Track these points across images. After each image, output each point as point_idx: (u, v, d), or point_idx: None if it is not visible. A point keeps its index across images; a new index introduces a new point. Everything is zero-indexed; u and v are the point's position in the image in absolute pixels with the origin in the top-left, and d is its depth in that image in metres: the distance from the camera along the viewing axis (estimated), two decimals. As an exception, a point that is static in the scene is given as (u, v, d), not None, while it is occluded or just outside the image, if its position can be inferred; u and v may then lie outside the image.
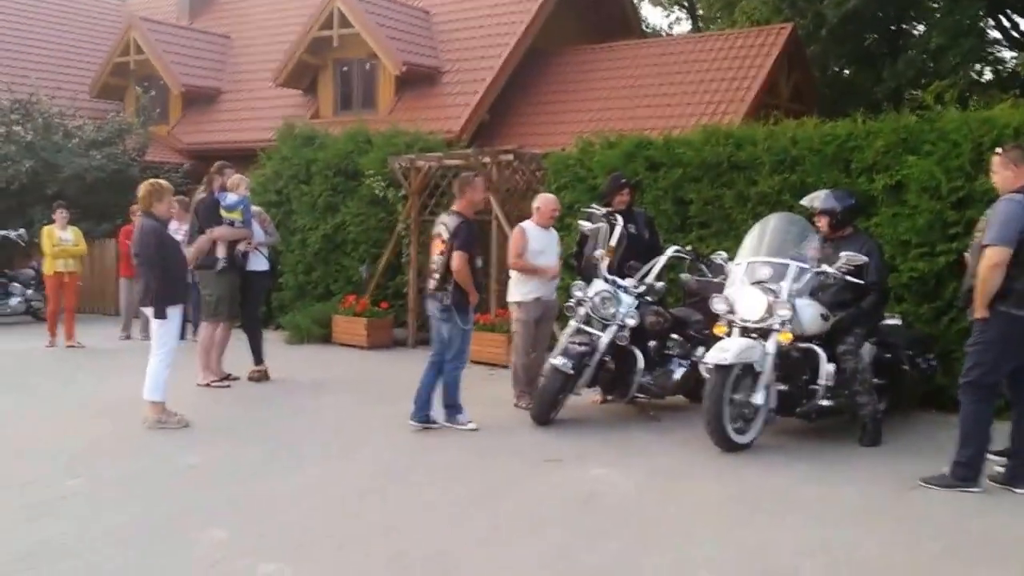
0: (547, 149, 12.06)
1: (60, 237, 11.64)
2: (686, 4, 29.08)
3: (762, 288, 6.53)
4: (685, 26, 30.42)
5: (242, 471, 5.98)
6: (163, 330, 7.07)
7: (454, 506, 5.32)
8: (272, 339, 9.47)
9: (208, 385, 8.69)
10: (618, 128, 11.58)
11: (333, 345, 11.64)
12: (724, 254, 7.55)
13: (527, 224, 7.91)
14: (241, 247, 8.86)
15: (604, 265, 7.41)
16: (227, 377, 8.89)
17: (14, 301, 13.66)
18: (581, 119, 15.63)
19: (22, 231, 13.64)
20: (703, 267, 7.78)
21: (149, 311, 7.08)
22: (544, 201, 7.99)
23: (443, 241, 7.00)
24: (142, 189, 7.21)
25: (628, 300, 7.26)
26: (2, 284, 13.60)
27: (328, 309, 12.02)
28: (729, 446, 6.35)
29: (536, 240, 7.78)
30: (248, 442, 6.73)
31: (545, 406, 7.17)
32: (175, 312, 7.13)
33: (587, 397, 7.74)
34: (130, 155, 16.45)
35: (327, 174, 12.73)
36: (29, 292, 13.76)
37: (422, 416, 7.09)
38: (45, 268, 11.69)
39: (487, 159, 10.76)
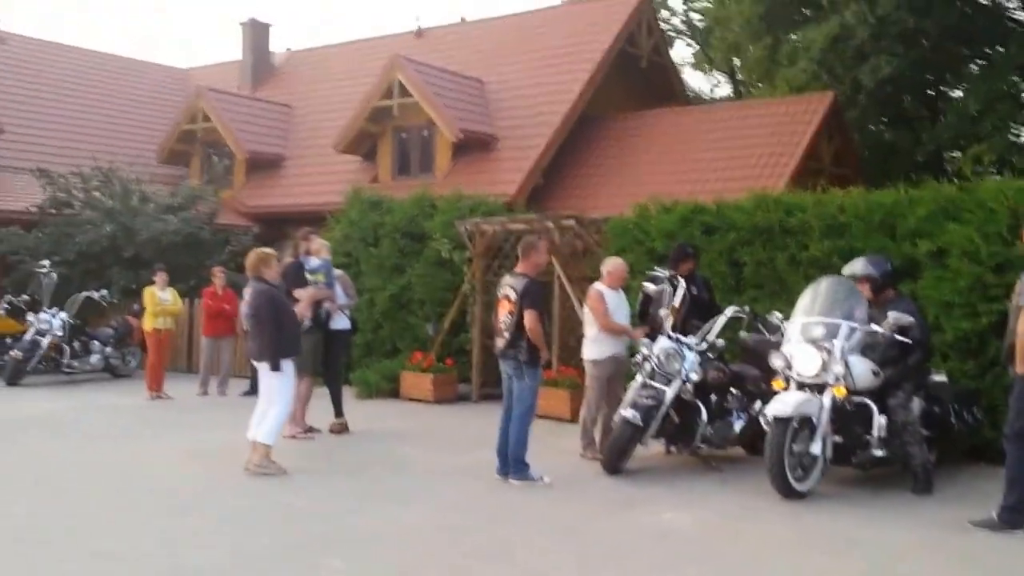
0: (599, 213, 12.64)
1: (160, 297, 12.63)
2: (727, 70, 29.90)
3: (816, 346, 7.08)
4: (725, 89, 31.29)
5: (342, 510, 6.58)
6: (280, 382, 7.74)
7: (542, 538, 5.90)
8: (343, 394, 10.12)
9: (293, 437, 9.25)
10: (665, 191, 12.06)
11: (400, 400, 12.23)
12: (779, 315, 8.06)
13: (600, 286, 8.46)
14: (326, 306, 9.56)
15: (668, 324, 7.98)
16: (310, 429, 9.50)
17: (94, 359, 14.36)
18: (630, 182, 16.30)
19: (104, 292, 14.45)
20: (760, 326, 8.29)
21: (262, 366, 7.74)
22: (614, 265, 8.61)
23: (511, 301, 7.47)
24: (252, 257, 7.92)
25: (691, 356, 7.80)
26: (83, 342, 14.33)
27: (396, 365, 12.61)
28: (789, 493, 6.82)
29: (610, 301, 8.36)
30: (340, 486, 7.35)
31: (615, 455, 7.69)
32: (289, 365, 7.80)
33: (652, 448, 8.22)
34: (202, 219, 17.36)
35: (394, 237, 13.43)
36: (108, 350, 14.48)
37: (507, 468, 7.53)
38: (145, 325, 12.63)
39: (550, 223, 11.37)
